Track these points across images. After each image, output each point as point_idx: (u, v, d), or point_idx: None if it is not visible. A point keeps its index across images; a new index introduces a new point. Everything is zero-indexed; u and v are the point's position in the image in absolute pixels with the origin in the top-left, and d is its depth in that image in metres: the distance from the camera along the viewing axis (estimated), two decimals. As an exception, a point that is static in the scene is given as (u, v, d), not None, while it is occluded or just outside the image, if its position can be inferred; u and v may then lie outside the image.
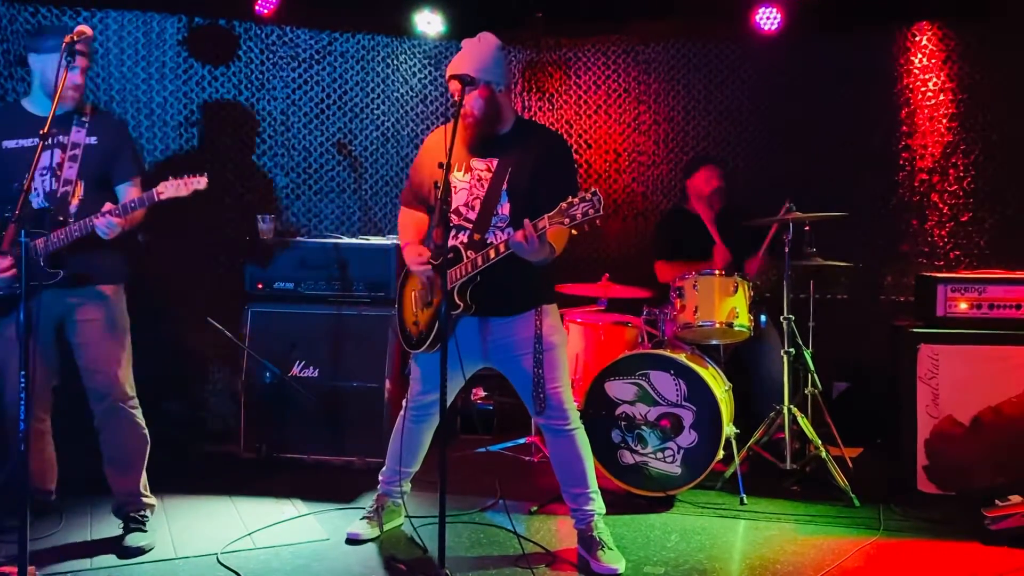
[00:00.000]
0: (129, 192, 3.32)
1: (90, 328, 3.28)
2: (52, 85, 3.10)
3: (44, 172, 3.24)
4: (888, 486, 3.92)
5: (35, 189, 3.22)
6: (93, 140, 3.29)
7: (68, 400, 3.48)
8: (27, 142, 3.22)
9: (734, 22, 4.98)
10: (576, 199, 2.75)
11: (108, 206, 3.11)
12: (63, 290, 3.21)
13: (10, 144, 3.24)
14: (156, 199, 3.10)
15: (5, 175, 3.19)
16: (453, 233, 3.11)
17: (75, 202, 3.22)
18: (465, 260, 3.02)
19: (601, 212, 2.73)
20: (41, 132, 2.71)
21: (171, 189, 3.09)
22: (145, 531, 3.31)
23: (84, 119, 3.30)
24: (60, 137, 3.26)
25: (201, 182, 3.11)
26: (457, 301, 3.05)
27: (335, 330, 4.30)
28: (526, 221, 2.82)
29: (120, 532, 3.33)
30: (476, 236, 3.07)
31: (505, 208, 3.08)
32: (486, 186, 3.10)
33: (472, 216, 3.10)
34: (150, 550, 3.23)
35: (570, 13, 5.28)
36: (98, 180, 3.30)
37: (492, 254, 2.96)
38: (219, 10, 4.81)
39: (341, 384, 4.26)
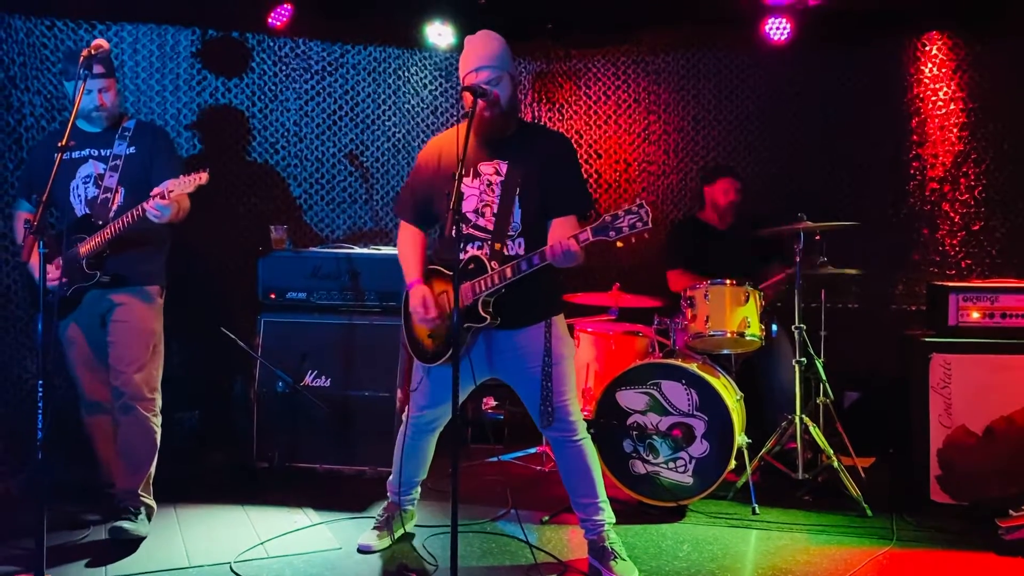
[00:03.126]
0: None
1: (119, 327, 3.49)
2: (80, 107, 3.31)
3: (87, 181, 3.51)
4: (901, 496, 3.91)
5: (78, 197, 3.49)
6: (132, 150, 3.53)
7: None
8: (75, 153, 3.51)
9: (744, 32, 5.00)
10: (622, 211, 2.74)
11: (156, 190, 3.25)
12: (104, 290, 3.45)
13: (65, 156, 3.40)
14: (167, 196, 3.22)
15: (55, 182, 3.31)
16: (461, 245, 3.10)
17: (113, 208, 3.45)
18: (490, 272, 2.99)
19: (649, 225, 2.71)
20: (60, 144, 2.78)
21: (178, 186, 3.21)
22: (135, 522, 3.37)
23: (127, 132, 3.56)
24: (103, 151, 3.52)
25: (203, 177, 3.21)
26: (483, 314, 3.02)
27: (347, 340, 4.32)
28: (570, 240, 2.82)
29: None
30: (497, 246, 3.05)
31: (517, 216, 3.08)
32: (496, 191, 3.09)
33: (482, 223, 3.09)
34: (137, 536, 3.33)
35: (579, 24, 5.31)
36: (137, 185, 3.48)
37: (524, 266, 2.92)
38: (232, 23, 4.85)
39: (353, 393, 4.28)
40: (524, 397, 3.20)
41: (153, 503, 3.52)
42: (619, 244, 2.78)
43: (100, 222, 3.40)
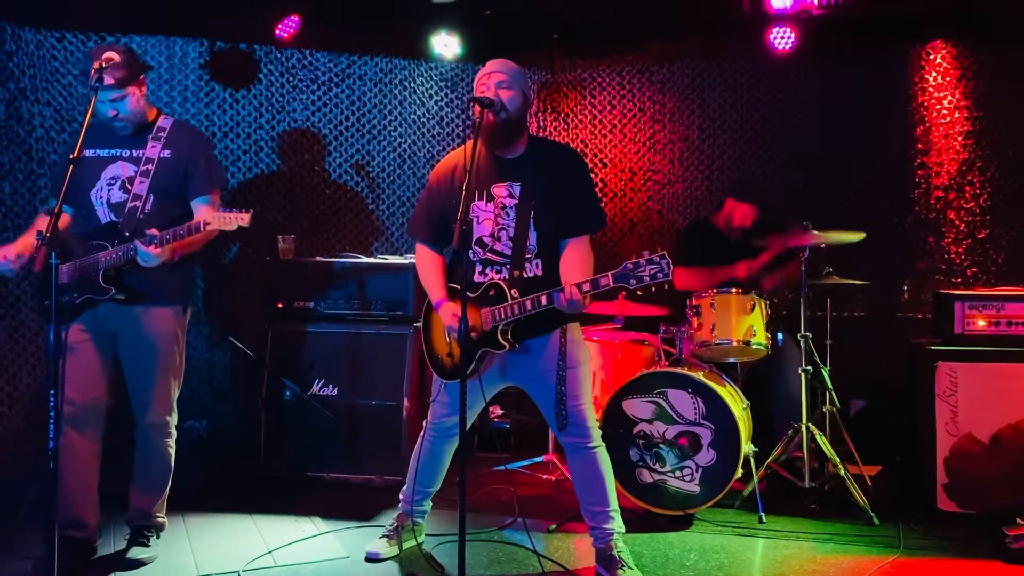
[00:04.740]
0: (201, 209, 3.33)
1: (135, 347, 3.32)
2: (98, 115, 3.24)
3: (112, 183, 3.30)
4: (907, 504, 3.91)
5: (101, 200, 3.29)
6: (167, 154, 3.32)
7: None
8: (103, 152, 3.32)
9: (748, 42, 5.01)
10: (643, 260, 2.79)
11: (152, 232, 3.12)
12: (120, 306, 3.26)
13: (88, 153, 3.30)
14: (202, 229, 3.10)
15: (80, 181, 3.26)
16: (480, 268, 3.13)
17: (141, 217, 3.25)
18: (510, 301, 3.03)
19: (670, 277, 2.78)
20: (71, 156, 2.77)
21: (217, 221, 3.09)
22: (147, 546, 3.34)
23: (161, 133, 3.34)
24: (135, 151, 3.32)
25: (245, 218, 3.10)
26: (502, 341, 3.06)
27: (354, 348, 4.34)
28: (585, 287, 2.88)
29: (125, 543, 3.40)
30: (516, 273, 3.08)
31: (532, 239, 3.11)
32: (511, 215, 3.11)
33: (499, 247, 3.12)
34: (150, 563, 3.28)
35: (585, 34, 5.34)
36: (168, 193, 3.31)
37: (544, 300, 2.96)
38: (240, 34, 4.90)
39: (360, 402, 4.29)
40: (539, 402, 3.22)
41: (165, 520, 3.49)
42: (639, 292, 2.83)
43: (127, 233, 3.19)
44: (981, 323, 3.87)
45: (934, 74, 4.88)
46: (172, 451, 3.44)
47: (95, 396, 3.30)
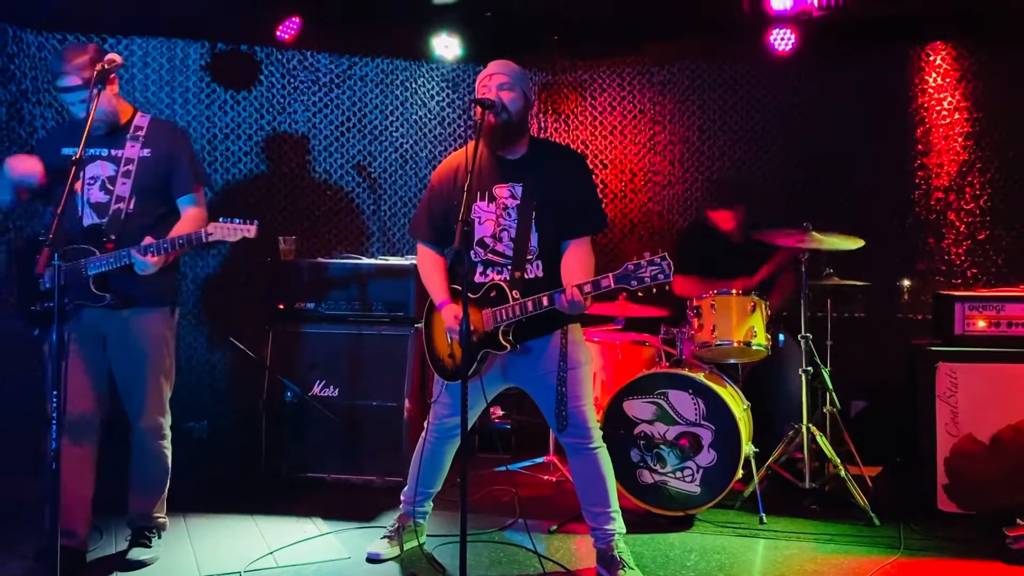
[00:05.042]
0: (188, 209, 3.31)
1: (125, 352, 3.29)
2: (73, 116, 3.19)
3: (92, 183, 3.24)
4: (908, 505, 3.91)
5: (84, 199, 3.22)
6: (147, 153, 3.27)
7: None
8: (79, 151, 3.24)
9: (748, 43, 5.01)
10: (644, 262, 2.81)
11: (148, 240, 3.09)
12: (108, 311, 3.22)
13: (67, 152, 3.24)
14: (205, 240, 3.07)
15: (59, 180, 3.17)
16: (481, 269, 3.15)
17: (125, 219, 3.21)
18: (512, 302, 3.04)
19: (671, 278, 2.80)
20: (74, 157, 2.76)
21: (220, 231, 3.06)
22: (149, 547, 3.34)
23: (139, 132, 3.29)
24: (114, 150, 3.26)
25: (251, 230, 3.08)
26: (503, 343, 3.07)
27: (355, 349, 4.35)
28: (586, 288, 2.88)
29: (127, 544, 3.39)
30: (517, 274, 3.09)
31: (533, 240, 3.12)
32: (512, 216, 3.12)
33: (500, 248, 3.13)
34: (151, 563, 3.28)
35: (585, 36, 5.34)
36: (151, 192, 3.26)
37: (545, 302, 2.97)
38: (241, 36, 4.91)
39: (361, 403, 4.30)
40: (540, 403, 3.22)
41: (166, 519, 3.49)
42: (640, 294, 2.84)
43: (113, 235, 3.16)
44: (981, 324, 3.88)
45: (934, 75, 4.88)
46: (168, 452, 3.43)
47: (86, 407, 3.26)
